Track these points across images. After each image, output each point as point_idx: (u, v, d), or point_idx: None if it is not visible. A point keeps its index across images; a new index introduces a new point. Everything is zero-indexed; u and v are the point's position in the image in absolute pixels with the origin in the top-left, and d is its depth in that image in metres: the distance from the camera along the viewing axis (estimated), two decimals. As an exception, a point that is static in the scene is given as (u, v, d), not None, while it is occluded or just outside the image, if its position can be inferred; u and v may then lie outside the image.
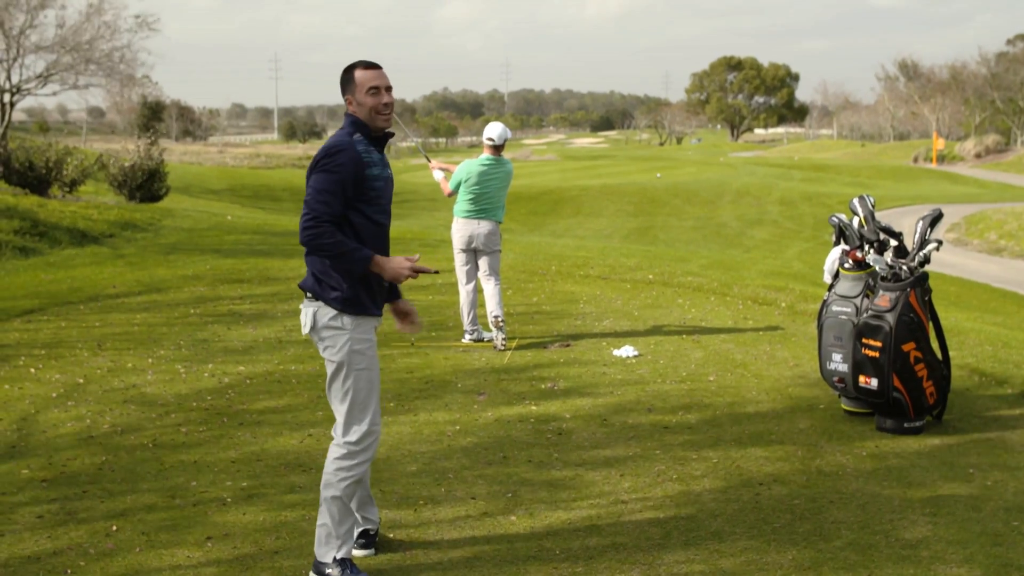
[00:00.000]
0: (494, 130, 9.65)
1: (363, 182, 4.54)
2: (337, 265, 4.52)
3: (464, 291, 9.74)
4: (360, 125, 4.63)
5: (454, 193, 9.69)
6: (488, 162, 9.57)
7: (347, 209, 4.53)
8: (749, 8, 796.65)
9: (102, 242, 17.59)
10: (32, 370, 8.51)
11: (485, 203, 9.53)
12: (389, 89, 4.64)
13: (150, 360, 8.89)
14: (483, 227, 9.56)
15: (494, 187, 9.55)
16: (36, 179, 22.55)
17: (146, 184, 24.55)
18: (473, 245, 9.62)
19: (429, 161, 10.18)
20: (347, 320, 4.58)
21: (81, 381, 8.18)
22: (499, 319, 9.45)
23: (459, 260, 9.75)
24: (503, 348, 9.39)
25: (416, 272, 4.58)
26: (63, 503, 5.59)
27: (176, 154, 60.58)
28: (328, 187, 4.46)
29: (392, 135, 4.77)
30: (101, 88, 33.96)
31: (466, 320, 9.75)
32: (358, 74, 4.61)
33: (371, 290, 4.64)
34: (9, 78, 30.62)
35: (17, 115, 37.01)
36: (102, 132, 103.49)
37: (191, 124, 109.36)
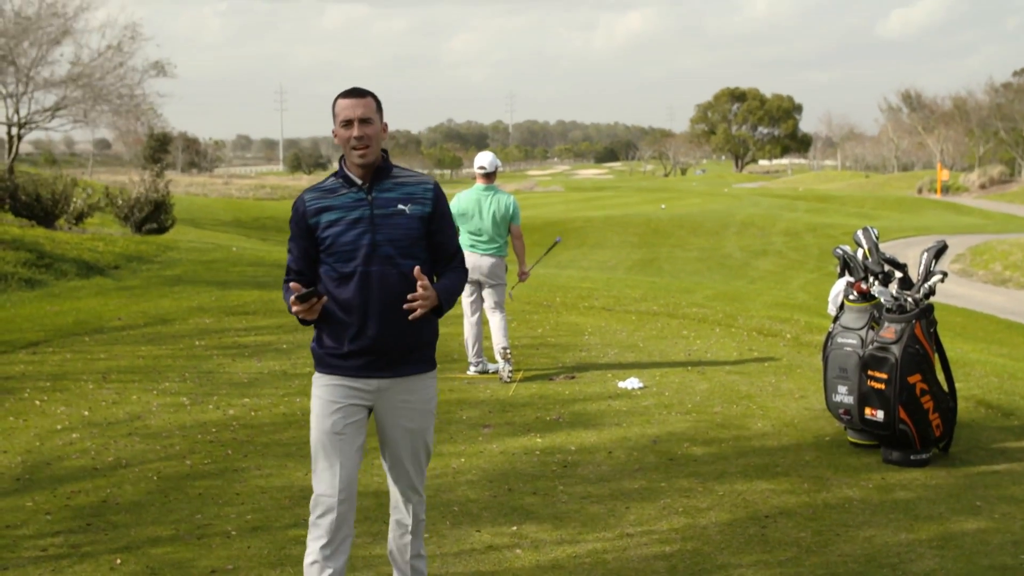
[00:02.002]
0: (484, 158, 9.70)
1: (313, 231, 4.24)
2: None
3: (468, 323, 9.74)
4: (342, 162, 4.31)
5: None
6: (478, 190, 9.59)
7: (318, 261, 4.28)
8: (753, 40, 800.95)
9: (108, 274, 17.64)
10: (37, 402, 8.51)
11: (484, 234, 9.51)
12: (365, 121, 4.16)
13: (155, 392, 8.90)
14: (485, 260, 9.55)
15: (490, 216, 9.52)
16: (43, 211, 22.65)
17: (152, 216, 24.63)
18: (476, 276, 9.63)
19: None
20: (315, 374, 4.38)
21: (86, 413, 8.18)
22: (506, 350, 9.45)
23: (464, 292, 9.75)
24: (509, 380, 9.38)
25: (303, 302, 4.05)
26: (67, 536, 5.58)
27: (181, 185, 60.77)
28: (288, 245, 4.38)
29: (388, 168, 4.29)
30: (108, 123, 34.17)
31: (471, 352, 9.74)
32: (336, 104, 4.22)
33: (331, 347, 4.26)
34: (18, 111, 30.80)
35: (24, 147, 37.20)
36: (108, 164, 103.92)
37: (197, 156, 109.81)
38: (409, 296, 4.15)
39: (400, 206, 4.25)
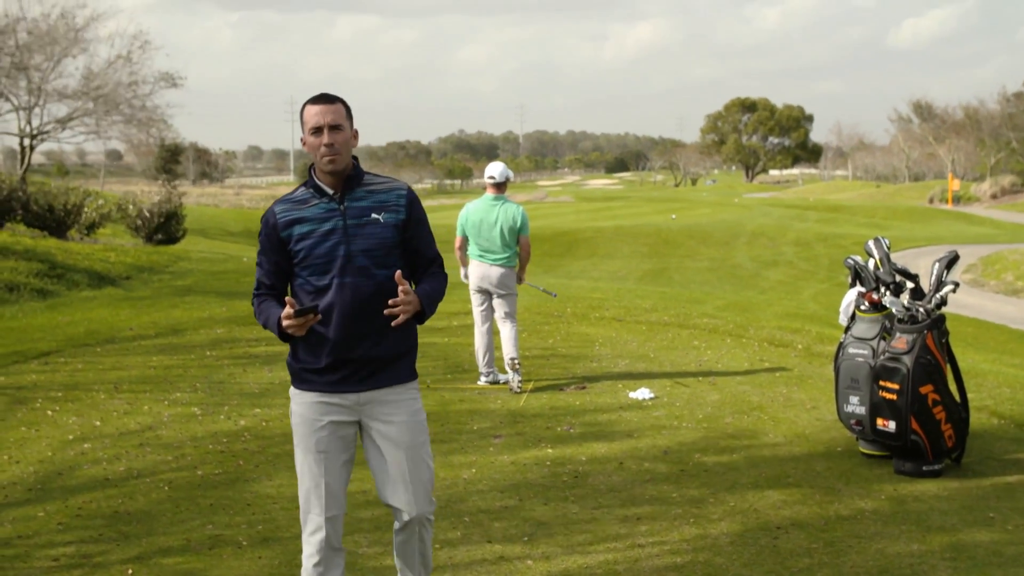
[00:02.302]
0: (495, 168, 9.71)
1: (285, 244, 4.11)
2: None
3: (479, 332, 9.73)
4: (312, 171, 4.18)
5: (463, 240, 9.69)
6: (487, 200, 9.60)
7: (293, 276, 4.19)
8: (763, 50, 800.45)
9: (119, 284, 17.69)
10: (49, 412, 8.53)
11: (493, 245, 9.53)
12: (334, 128, 4.04)
13: (166, 402, 8.91)
14: (494, 271, 9.56)
15: (498, 227, 9.52)
16: (55, 222, 22.75)
17: (164, 226, 24.74)
18: (485, 286, 9.63)
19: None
20: (292, 391, 4.27)
21: (98, 423, 8.20)
22: (515, 361, 9.44)
23: (475, 301, 9.76)
24: (519, 390, 9.37)
25: (300, 317, 3.96)
26: (79, 546, 5.59)
27: (193, 196, 60.98)
28: (257, 258, 4.26)
29: (359, 175, 4.18)
30: (120, 134, 34.25)
31: (481, 362, 9.73)
32: (304, 111, 4.08)
33: (308, 361, 4.16)
34: (30, 122, 30.94)
35: (36, 157, 37.38)
36: (119, 174, 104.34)
37: (208, 166, 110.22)
38: (391, 301, 4.04)
39: (374, 215, 4.15)
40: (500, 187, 9.65)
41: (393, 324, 4.08)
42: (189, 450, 7.48)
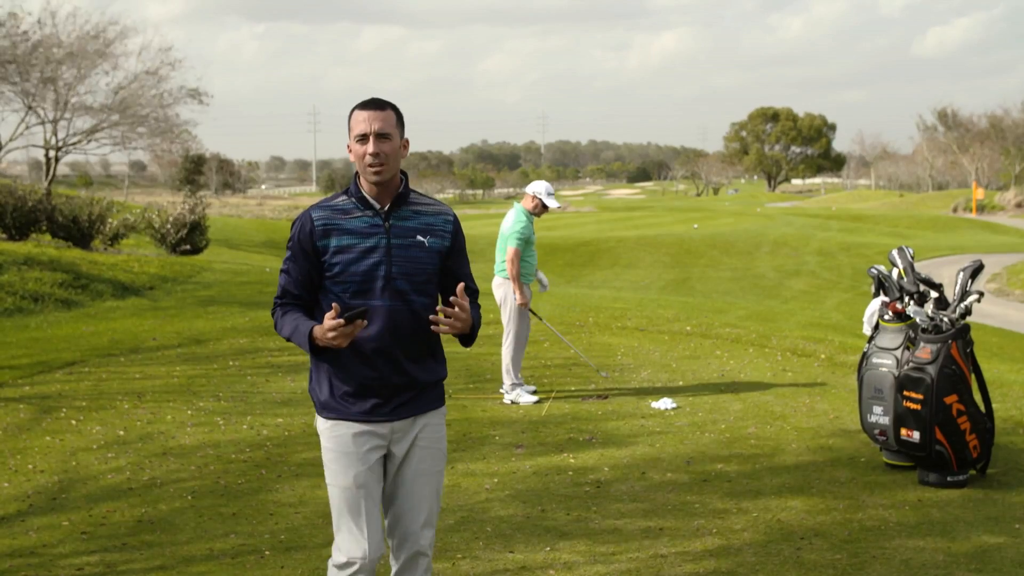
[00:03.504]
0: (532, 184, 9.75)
1: (319, 254, 3.83)
2: (314, 358, 3.90)
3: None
4: (356, 179, 3.90)
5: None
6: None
7: (321, 289, 3.91)
8: (787, 60, 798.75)
9: (143, 294, 17.77)
10: (73, 421, 8.58)
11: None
12: (382, 136, 3.77)
13: (189, 412, 8.95)
14: (494, 280, 9.60)
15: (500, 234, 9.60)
16: (79, 232, 22.90)
17: (187, 237, 24.86)
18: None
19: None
20: (321, 422, 3.97)
21: (121, 433, 8.24)
22: (503, 380, 9.48)
23: None
24: (507, 398, 9.38)
25: (344, 324, 3.63)
26: (102, 555, 5.61)
27: (216, 207, 61.25)
28: (284, 264, 3.96)
29: (407, 193, 3.91)
30: (145, 145, 34.39)
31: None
32: (352, 116, 3.83)
33: (339, 389, 3.89)
34: (56, 134, 31.14)
35: (61, 168, 37.62)
36: (143, 185, 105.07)
37: (231, 177, 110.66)
38: (439, 308, 3.74)
39: (419, 237, 3.88)
40: (525, 200, 9.61)
41: (434, 329, 3.78)
42: (212, 459, 7.50)
